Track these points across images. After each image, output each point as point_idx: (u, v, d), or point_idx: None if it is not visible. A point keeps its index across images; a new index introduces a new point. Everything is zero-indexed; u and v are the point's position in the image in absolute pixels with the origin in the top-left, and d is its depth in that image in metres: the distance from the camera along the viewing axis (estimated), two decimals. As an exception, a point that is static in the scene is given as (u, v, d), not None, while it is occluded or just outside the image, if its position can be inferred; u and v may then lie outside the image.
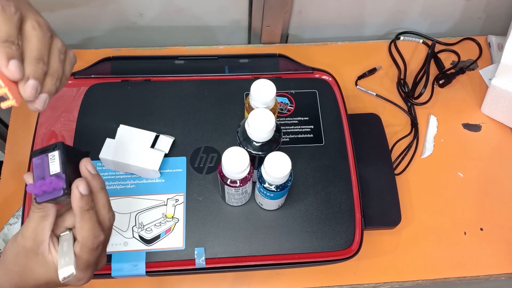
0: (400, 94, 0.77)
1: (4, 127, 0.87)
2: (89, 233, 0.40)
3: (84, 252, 0.40)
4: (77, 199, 0.39)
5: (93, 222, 0.40)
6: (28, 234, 0.40)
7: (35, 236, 0.40)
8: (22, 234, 0.40)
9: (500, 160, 0.71)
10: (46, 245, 0.40)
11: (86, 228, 0.40)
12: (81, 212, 0.39)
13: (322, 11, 0.79)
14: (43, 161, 0.40)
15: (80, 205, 0.39)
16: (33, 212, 0.40)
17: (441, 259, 0.64)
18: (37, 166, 0.40)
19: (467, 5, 0.81)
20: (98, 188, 0.41)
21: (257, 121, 0.49)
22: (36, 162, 0.40)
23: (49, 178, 0.39)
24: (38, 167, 0.40)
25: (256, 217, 0.59)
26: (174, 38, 0.81)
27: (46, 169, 0.39)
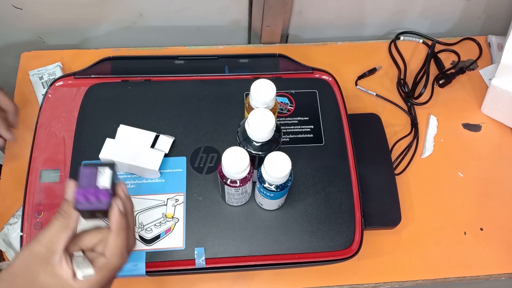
0: (400, 94, 0.77)
1: (4, 127, 0.87)
2: (119, 251, 0.41)
3: (105, 268, 0.41)
4: (117, 216, 0.41)
5: (125, 241, 0.42)
6: (45, 241, 0.40)
7: (51, 244, 0.40)
8: (38, 241, 0.40)
9: (500, 160, 0.71)
10: (57, 257, 0.40)
11: (119, 245, 0.41)
12: (118, 229, 0.41)
13: (322, 11, 0.79)
14: (92, 173, 0.42)
15: (120, 221, 0.41)
16: (56, 220, 0.41)
17: (441, 259, 0.64)
18: (86, 176, 0.42)
19: (467, 5, 0.81)
20: (130, 210, 0.44)
21: (257, 121, 0.49)
22: (85, 171, 0.42)
23: (97, 189, 0.41)
24: (86, 177, 0.42)
25: (256, 217, 0.59)
26: (174, 38, 0.81)
27: (93, 181, 0.41)
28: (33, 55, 0.76)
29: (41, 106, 0.64)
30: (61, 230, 0.40)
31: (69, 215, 0.41)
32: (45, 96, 0.64)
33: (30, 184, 0.59)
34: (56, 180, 0.59)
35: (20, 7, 0.72)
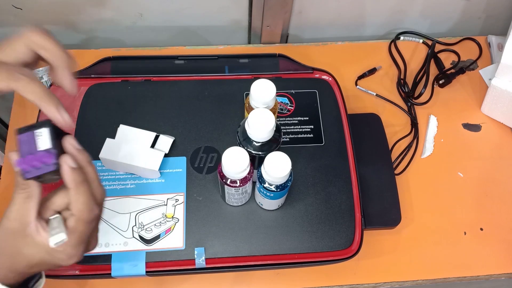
0: (400, 94, 0.77)
1: (4, 127, 0.87)
2: (84, 206, 0.40)
3: (79, 225, 0.40)
4: (68, 173, 0.39)
5: (88, 194, 0.40)
6: (13, 216, 0.39)
7: (20, 217, 0.39)
8: (6, 217, 0.39)
9: (500, 160, 0.71)
10: (33, 226, 0.39)
11: (82, 200, 0.40)
12: (75, 185, 0.39)
13: (322, 11, 0.79)
14: (30, 138, 0.39)
15: (73, 177, 0.39)
16: (17, 194, 0.39)
17: (441, 259, 0.64)
18: (24, 143, 0.39)
19: (467, 5, 0.81)
20: (86, 162, 0.41)
21: (257, 121, 0.49)
22: (23, 138, 0.39)
23: (39, 153, 0.38)
24: (25, 143, 0.39)
25: (256, 217, 0.59)
26: (174, 38, 0.81)
27: (33, 145, 0.39)
28: (33, 55, 0.76)
29: (41, 106, 0.64)
30: (25, 201, 0.39)
31: (27, 185, 0.39)
32: (45, 96, 0.64)
33: (30, 184, 0.59)
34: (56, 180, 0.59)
35: (20, 7, 0.72)
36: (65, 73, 0.42)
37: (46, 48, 0.41)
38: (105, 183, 0.59)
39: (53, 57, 0.41)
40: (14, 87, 0.38)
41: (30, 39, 0.41)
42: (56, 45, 0.41)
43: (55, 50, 0.41)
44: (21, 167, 0.38)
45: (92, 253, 0.48)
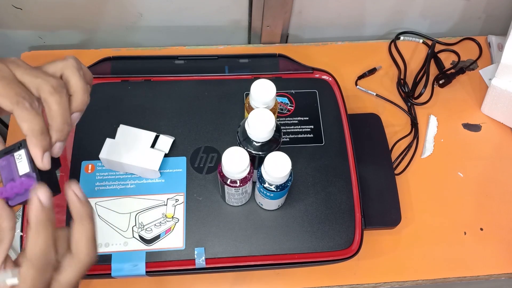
0: (400, 94, 0.77)
1: (4, 127, 0.87)
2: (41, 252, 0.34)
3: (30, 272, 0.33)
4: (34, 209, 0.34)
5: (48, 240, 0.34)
6: None
7: None
8: None
9: (500, 160, 0.71)
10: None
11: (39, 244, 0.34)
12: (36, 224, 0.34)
13: (322, 11, 0.79)
14: (9, 162, 0.37)
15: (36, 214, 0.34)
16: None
17: (441, 259, 0.64)
18: (4, 168, 0.37)
19: (467, 5, 0.81)
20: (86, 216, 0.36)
21: (257, 121, 0.49)
22: (2, 164, 0.37)
23: (19, 179, 0.36)
24: (5, 169, 0.37)
25: (256, 217, 0.59)
26: (174, 38, 0.81)
27: (14, 170, 0.37)
28: (33, 55, 0.76)
29: (41, 106, 0.64)
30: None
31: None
32: (45, 96, 0.64)
33: (30, 184, 0.59)
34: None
35: (20, 7, 0.72)
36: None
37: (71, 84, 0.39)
38: (105, 183, 0.59)
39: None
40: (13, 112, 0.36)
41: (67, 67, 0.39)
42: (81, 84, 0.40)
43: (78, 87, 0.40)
44: (3, 196, 0.36)
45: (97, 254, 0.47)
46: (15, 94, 0.36)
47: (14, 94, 0.36)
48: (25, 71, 0.37)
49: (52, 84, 0.37)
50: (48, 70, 0.39)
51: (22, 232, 0.56)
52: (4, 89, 0.35)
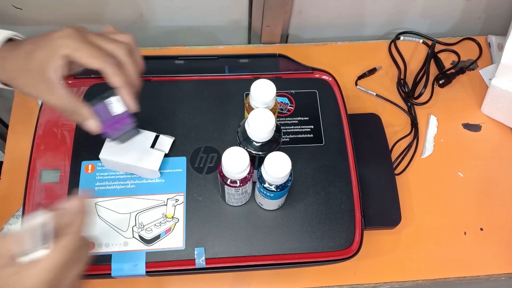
0: (400, 94, 0.77)
1: (4, 127, 0.87)
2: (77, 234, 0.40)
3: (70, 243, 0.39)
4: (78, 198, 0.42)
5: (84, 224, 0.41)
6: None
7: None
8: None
9: (500, 160, 0.71)
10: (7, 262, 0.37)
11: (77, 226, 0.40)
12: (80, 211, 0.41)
13: (322, 11, 0.79)
14: (103, 107, 0.46)
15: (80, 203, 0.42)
16: None
17: (441, 259, 0.64)
18: (99, 112, 0.46)
19: (467, 5, 0.81)
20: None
21: (257, 121, 0.49)
22: (97, 108, 0.46)
23: (116, 117, 0.46)
24: (101, 112, 0.46)
25: (256, 217, 0.59)
26: (174, 38, 0.81)
27: (108, 112, 0.46)
28: (33, 55, 0.76)
29: (41, 106, 0.64)
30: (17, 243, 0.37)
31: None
32: (45, 96, 0.64)
33: (30, 184, 0.59)
34: (56, 180, 0.59)
35: (20, 7, 0.72)
36: None
37: None
38: (105, 183, 0.59)
39: None
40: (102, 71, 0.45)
41: None
42: None
43: None
44: (105, 131, 0.46)
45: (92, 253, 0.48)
46: (102, 55, 0.45)
47: (101, 55, 0.45)
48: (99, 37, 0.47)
49: (126, 49, 0.47)
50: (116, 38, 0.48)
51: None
52: (92, 52, 0.45)
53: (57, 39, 0.46)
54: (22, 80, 0.47)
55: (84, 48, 0.45)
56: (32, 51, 0.46)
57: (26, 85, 0.47)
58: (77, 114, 0.47)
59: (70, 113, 0.47)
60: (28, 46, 0.47)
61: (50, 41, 0.46)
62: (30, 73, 0.46)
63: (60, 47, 0.45)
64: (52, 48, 0.45)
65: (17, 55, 0.47)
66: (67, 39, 0.45)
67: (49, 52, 0.45)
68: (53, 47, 0.45)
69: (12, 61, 0.47)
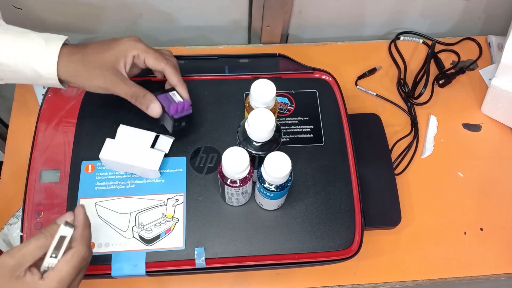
0: (400, 94, 0.77)
1: (4, 127, 0.87)
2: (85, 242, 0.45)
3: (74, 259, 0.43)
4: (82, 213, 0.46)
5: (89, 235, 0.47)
6: (17, 255, 0.42)
7: (23, 259, 0.42)
8: (10, 254, 0.42)
9: (500, 160, 0.71)
10: (23, 271, 0.41)
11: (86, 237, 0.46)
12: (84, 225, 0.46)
13: (322, 11, 0.79)
14: (166, 97, 0.58)
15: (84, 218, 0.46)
16: (36, 239, 0.43)
17: (441, 259, 0.64)
18: (163, 99, 0.57)
19: (467, 5, 0.81)
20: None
21: (257, 121, 0.49)
22: (161, 96, 0.57)
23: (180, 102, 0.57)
24: (164, 100, 0.57)
25: (256, 217, 0.59)
26: (174, 38, 0.81)
27: (171, 100, 0.57)
28: (33, 55, 0.76)
29: (41, 106, 0.64)
30: (38, 249, 0.42)
31: (52, 238, 0.43)
32: (45, 96, 0.64)
33: (30, 184, 0.59)
34: (56, 180, 0.59)
35: (20, 7, 0.72)
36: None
37: None
38: (105, 183, 0.59)
39: None
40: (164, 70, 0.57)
41: None
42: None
43: None
44: (170, 112, 0.56)
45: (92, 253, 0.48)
46: (164, 59, 0.57)
47: (164, 59, 0.57)
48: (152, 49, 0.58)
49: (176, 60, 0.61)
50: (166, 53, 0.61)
51: (22, 233, 0.56)
52: (157, 55, 0.57)
53: (126, 42, 0.56)
54: (90, 75, 0.54)
55: (151, 51, 0.57)
56: (101, 51, 0.55)
57: (94, 78, 0.55)
58: (145, 99, 0.56)
59: (139, 98, 0.56)
60: (95, 48, 0.56)
61: (120, 44, 0.56)
62: (101, 68, 0.54)
63: (131, 48, 0.56)
64: (123, 48, 0.56)
65: (82, 56, 0.55)
66: (136, 42, 0.56)
67: (120, 52, 0.55)
68: (124, 48, 0.55)
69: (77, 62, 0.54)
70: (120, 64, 0.55)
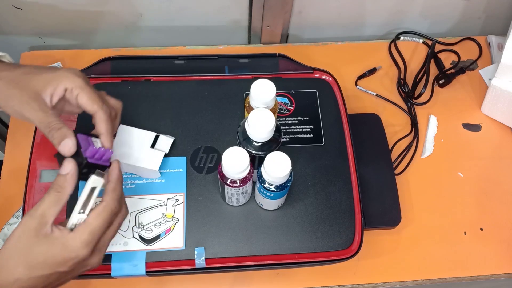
0: (400, 94, 0.77)
1: (4, 127, 0.87)
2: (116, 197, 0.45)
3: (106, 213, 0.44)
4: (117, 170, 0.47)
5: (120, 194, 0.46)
6: (36, 215, 0.41)
7: (42, 218, 0.41)
8: (30, 215, 0.42)
9: (500, 160, 0.71)
10: (49, 228, 0.41)
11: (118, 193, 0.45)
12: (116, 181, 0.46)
13: (322, 11, 0.79)
14: (87, 139, 0.48)
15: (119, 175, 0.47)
16: (49, 195, 0.42)
17: (441, 259, 0.64)
18: (83, 140, 0.47)
19: (467, 5, 0.81)
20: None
21: (257, 121, 0.49)
22: (82, 136, 0.47)
23: (100, 149, 0.47)
24: (84, 140, 0.47)
25: (256, 217, 0.59)
26: (174, 38, 0.81)
27: (91, 144, 0.47)
28: (33, 55, 0.76)
29: (41, 106, 0.63)
30: (54, 204, 0.42)
31: (64, 189, 0.43)
32: (45, 96, 0.64)
33: (30, 184, 0.59)
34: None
35: (20, 7, 0.72)
36: None
37: None
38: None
39: None
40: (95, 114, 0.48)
41: None
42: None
43: None
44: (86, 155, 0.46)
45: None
46: (101, 101, 0.48)
47: (100, 101, 0.48)
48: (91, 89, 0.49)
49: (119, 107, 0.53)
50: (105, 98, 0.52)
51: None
52: (94, 95, 0.48)
53: (63, 72, 0.48)
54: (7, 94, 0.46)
55: (87, 89, 0.48)
56: (30, 73, 0.47)
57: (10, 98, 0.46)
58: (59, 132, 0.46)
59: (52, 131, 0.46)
60: (26, 69, 0.48)
61: (55, 72, 0.48)
62: (22, 90, 0.46)
63: (65, 80, 0.47)
64: (55, 76, 0.47)
65: (8, 73, 0.47)
66: (75, 76, 0.48)
67: (51, 79, 0.47)
68: (57, 76, 0.47)
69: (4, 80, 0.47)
70: (46, 92, 0.47)
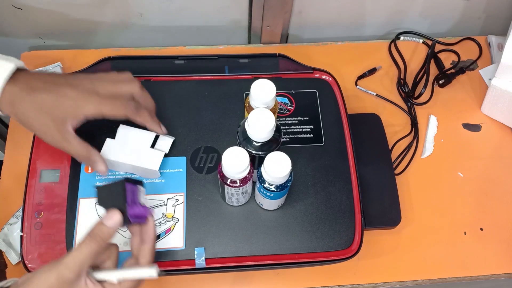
0: (400, 94, 0.77)
1: (4, 127, 0.87)
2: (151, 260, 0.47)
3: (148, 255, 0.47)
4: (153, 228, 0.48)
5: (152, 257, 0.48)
6: (75, 266, 0.40)
7: (80, 270, 0.41)
8: (66, 264, 0.40)
9: (500, 160, 0.71)
10: (83, 280, 0.41)
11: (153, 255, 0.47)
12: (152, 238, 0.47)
13: (322, 11, 0.79)
14: (134, 189, 0.47)
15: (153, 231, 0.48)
16: (88, 245, 0.41)
17: (441, 259, 0.64)
18: (129, 192, 0.46)
19: (467, 5, 0.81)
20: None
21: (257, 121, 0.49)
22: (131, 188, 0.47)
23: (143, 206, 0.47)
24: (130, 193, 0.46)
25: (256, 217, 0.59)
26: (174, 38, 0.81)
27: (136, 197, 0.47)
28: (33, 55, 0.76)
29: (41, 106, 0.63)
30: (92, 256, 0.41)
31: (105, 241, 0.42)
32: (45, 96, 0.64)
33: (30, 184, 0.59)
34: (56, 180, 0.59)
35: (20, 7, 0.72)
36: None
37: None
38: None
39: None
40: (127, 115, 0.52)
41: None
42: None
43: None
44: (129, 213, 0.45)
45: None
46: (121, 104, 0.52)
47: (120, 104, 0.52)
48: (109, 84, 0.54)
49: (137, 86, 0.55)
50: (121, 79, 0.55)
51: (22, 232, 0.56)
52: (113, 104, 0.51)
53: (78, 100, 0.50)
54: (36, 126, 0.50)
55: (106, 103, 0.51)
56: (52, 105, 0.49)
57: (40, 131, 0.50)
58: (89, 160, 0.52)
59: (84, 159, 0.52)
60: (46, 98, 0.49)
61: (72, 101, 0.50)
62: (47, 124, 0.49)
63: (83, 108, 0.50)
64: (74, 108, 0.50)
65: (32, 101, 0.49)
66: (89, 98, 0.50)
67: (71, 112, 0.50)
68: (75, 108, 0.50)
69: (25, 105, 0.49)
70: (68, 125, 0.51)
